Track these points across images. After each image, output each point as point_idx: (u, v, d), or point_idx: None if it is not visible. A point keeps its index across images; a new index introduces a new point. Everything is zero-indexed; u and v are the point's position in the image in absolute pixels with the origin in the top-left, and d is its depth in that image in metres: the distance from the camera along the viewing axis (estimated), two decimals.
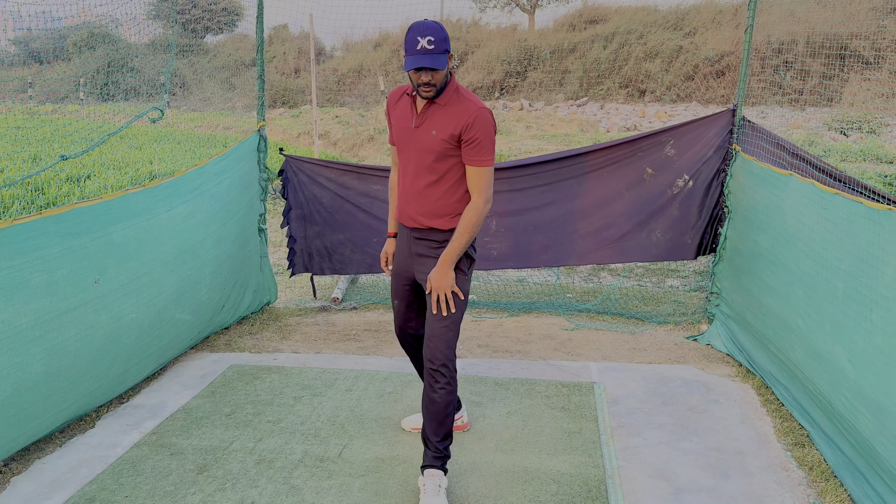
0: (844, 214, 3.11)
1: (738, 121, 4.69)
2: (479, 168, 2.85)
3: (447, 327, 2.89)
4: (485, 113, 2.81)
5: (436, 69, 2.71)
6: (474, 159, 2.84)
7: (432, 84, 2.75)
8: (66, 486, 3.08)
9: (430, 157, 2.88)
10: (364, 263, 5.40)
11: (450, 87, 2.85)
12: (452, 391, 2.90)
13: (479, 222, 2.87)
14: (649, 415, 3.74)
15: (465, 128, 2.80)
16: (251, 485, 3.09)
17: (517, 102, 20.36)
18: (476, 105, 2.82)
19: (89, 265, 3.43)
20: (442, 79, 2.77)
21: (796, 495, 3.02)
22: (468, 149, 2.83)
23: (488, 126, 2.82)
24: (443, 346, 2.88)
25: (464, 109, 2.81)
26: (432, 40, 2.69)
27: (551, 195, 5.08)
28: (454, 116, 2.82)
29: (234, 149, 4.79)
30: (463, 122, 2.80)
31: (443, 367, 2.88)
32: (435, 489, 2.88)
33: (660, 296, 5.79)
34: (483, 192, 2.87)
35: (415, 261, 3.05)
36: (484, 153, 2.83)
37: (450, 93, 2.85)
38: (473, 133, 2.79)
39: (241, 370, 4.30)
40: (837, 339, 3.11)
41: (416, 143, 2.91)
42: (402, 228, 3.12)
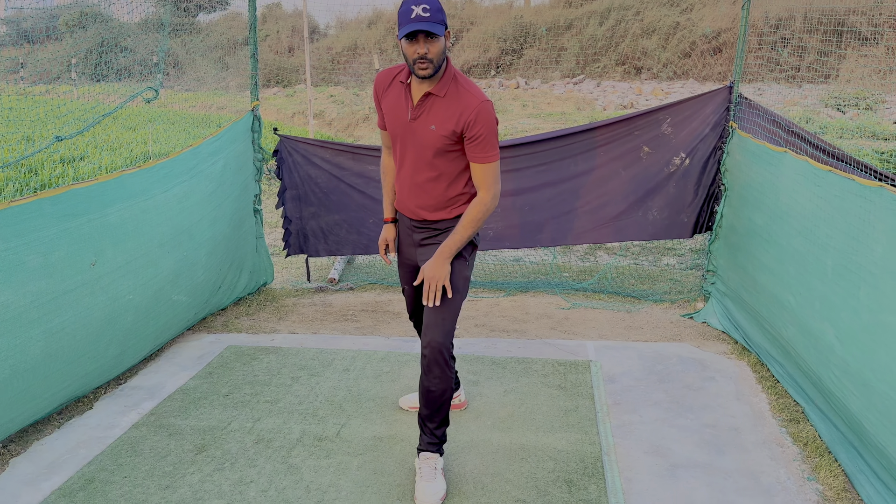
0: (837, 191, 3.11)
1: (735, 98, 4.67)
2: (486, 164, 2.73)
3: (445, 316, 2.82)
4: (487, 107, 2.67)
5: (433, 35, 2.55)
6: (479, 156, 2.71)
7: (429, 59, 2.58)
8: (65, 467, 3.10)
9: (429, 153, 2.75)
10: (360, 244, 5.40)
11: (447, 75, 2.71)
12: (448, 379, 2.85)
13: (484, 218, 2.78)
14: (645, 392, 3.76)
15: (467, 124, 2.66)
16: (250, 464, 3.11)
17: (513, 80, 20.25)
18: (478, 99, 2.67)
19: (86, 247, 3.42)
20: (439, 54, 2.59)
21: (791, 471, 3.05)
22: (472, 146, 2.70)
23: (491, 120, 2.68)
24: (440, 336, 2.81)
25: (465, 104, 2.66)
26: (427, 8, 2.54)
27: (548, 175, 5.06)
28: (455, 111, 2.67)
29: (228, 129, 4.76)
30: (465, 119, 2.65)
31: (439, 357, 2.81)
32: (431, 472, 2.87)
33: (656, 274, 5.81)
34: (490, 188, 2.75)
35: (418, 249, 3.00)
36: (489, 149, 2.70)
37: (448, 82, 2.70)
38: (477, 130, 2.66)
39: (238, 351, 4.31)
40: (826, 317, 3.13)
41: (414, 137, 2.77)
42: (402, 218, 3.04)
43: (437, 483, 2.85)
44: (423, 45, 2.57)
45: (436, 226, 2.91)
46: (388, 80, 2.87)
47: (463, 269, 2.88)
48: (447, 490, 2.89)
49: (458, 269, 2.86)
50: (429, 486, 2.83)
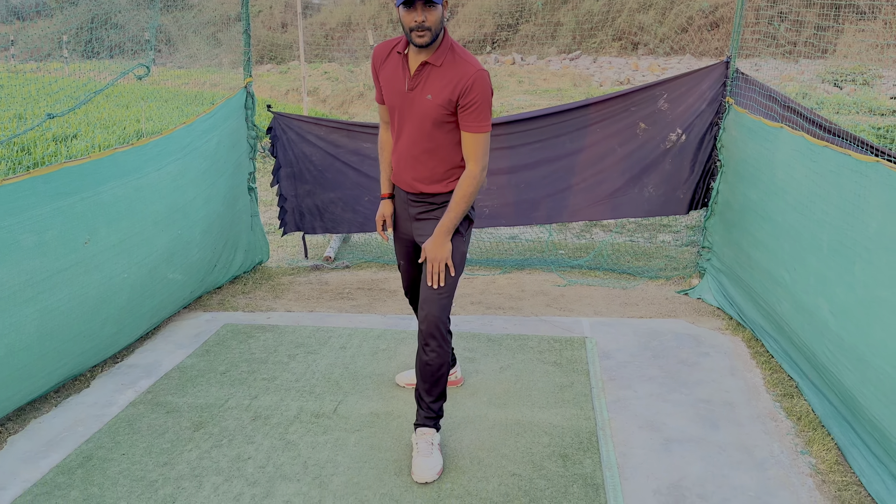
0: (832, 167, 3.10)
1: (732, 73, 4.64)
2: (477, 134, 2.71)
3: (441, 291, 2.83)
4: (483, 76, 2.66)
5: (431, 3, 2.53)
6: (472, 125, 2.70)
7: (426, 27, 2.56)
8: (63, 445, 3.11)
9: (426, 123, 2.74)
10: (356, 222, 5.38)
11: (444, 45, 2.69)
12: (445, 354, 2.86)
13: (475, 191, 2.76)
14: (640, 368, 3.78)
15: (462, 91, 2.64)
16: (247, 441, 3.12)
17: (509, 56, 20.10)
18: (474, 67, 2.65)
19: (80, 225, 3.41)
20: (437, 22, 2.57)
21: (784, 445, 3.07)
22: (465, 114, 2.68)
23: (486, 90, 2.67)
24: (436, 310, 2.81)
25: (462, 72, 2.64)
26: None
27: (544, 152, 5.04)
28: (451, 79, 2.65)
29: (222, 106, 4.72)
30: (461, 86, 2.63)
31: (435, 331, 2.82)
32: (428, 448, 2.90)
33: (651, 251, 5.81)
34: (480, 160, 2.74)
35: (414, 224, 2.99)
36: (482, 118, 2.69)
37: (445, 51, 2.68)
38: (472, 97, 2.64)
39: (234, 329, 4.32)
40: (821, 292, 3.14)
41: (411, 108, 2.75)
42: (399, 191, 3.03)
43: (434, 458, 2.87)
44: (420, 13, 2.55)
45: (432, 199, 2.90)
46: (386, 52, 2.85)
47: (459, 244, 2.88)
48: (444, 465, 2.92)
49: (455, 244, 2.86)
50: (426, 461, 2.85)
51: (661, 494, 2.75)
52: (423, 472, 2.83)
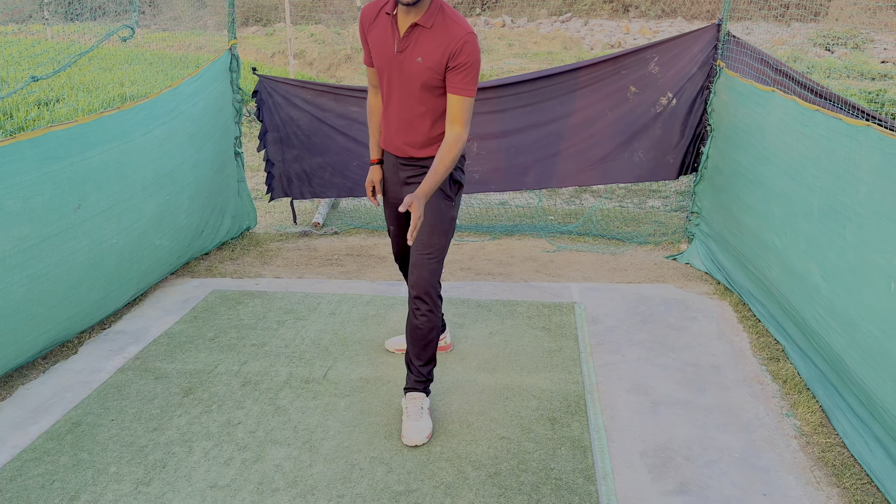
0: (823, 131, 3.09)
1: (723, 36, 4.60)
2: (464, 98, 2.67)
3: (431, 255, 2.82)
4: (473, 38, 2.61)
5: None
6: (458, 87, 2.65)
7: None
8: (52, 411, 3.11)
9: (416, 86, 2.70)
10: (344, 187, 5.34)
11: (434, 5, 2.63)
12: (435, 318, 2.87)
13: (458, 155, 2.71)
14: (628, 332, 3.80)
15: (452, 54, 2.59)
16: (237, 406, 3.13)
17: (499, 19, 19.85)
18: (464, 30, 2.61)
19: (69, 190, 3.37)
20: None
21: (770, 407, 3.11)
22: (453, 75, 2.64)
23: (476, 53, 2.63)
24: (426, 273, 2.81)
25: (451, 35, 2.59)
26: None
27: (534, 116, 5.00)
28: (441, 42, 2.61)
29: (207, 68, 4.64)
30: (451, 48, 2.59)
31: (425, 295, 2.82)
32: (417, 411, 2.91)
33: (641, 216, 5.81)
34: (465, 124, 2.70)
35: (403, 188, 2.96)
36: (469, 82, 2.65)
37: (435, 12, 2.63)
38: (461, 60, 2.60)
39: (223, 295, 4.30)
40: (811, 256, 3.15)
41: (401, 71, 2.70)
42: (388, 156, 2.99)
43: (424, 421, 2.89)
44: None
45: (422, 163, 2.87)
46: (374, 13, 2.79)
47: (449, 209, 2.86)
48: (433, 428, 2.94)
49: (444, 209, 2.84)
50: (415, 424, 2.87)
51: (648, 456, 2.78)
52: (413, 435, 2.85)
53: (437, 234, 2.83)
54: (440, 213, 2.83)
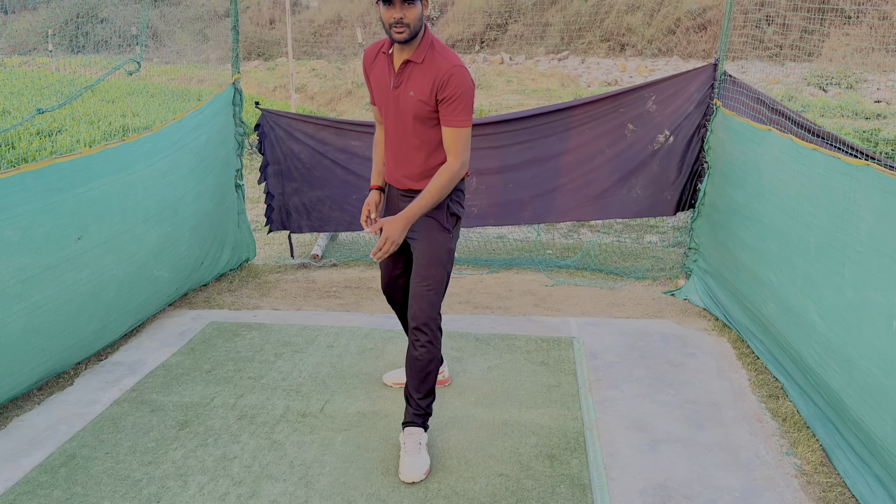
0: (821, 170, 3.12)
1: (720, 75, 4.67)
2: (455, 129, 2.73)
3: (429, 287, 2.85)
4: (461, 70, 2.70)
5: (410, 1, 2.60)
6: (449, 119, 2.73)
7: (405, 23, 2.63)
8: (46, 444, 3.08)
9: (409, 119, 2.79)
10: (343, 221, 5.36)
11: (425, 41, 2.74)
12: (435, 350, 2.87)
13: (450, 185, 2.76)
14: (627, 368, 3.79)
15: (440, 86, 2.69)
16: (233, 440, 3.10)
17: (498, 56, 20.12)
18: (451, 62, 2.70)
19: (70, 221, 3.38)
20: (416, 19, 2.64)
21: (769, 446, 3.09)
22: (443, 108, 2.72)
23: (465, 84, 2.70)
24: (426, 305, 2.84)
25: (438, 67, 2.70)
26: None
27: (532, 152, 5.05)
28: (430, 75, 2.71)
29: (210, 102, 4.69)
30: (438, 81, 2.69)
31: (424, 326, 2.84)
32: (415, 447, 2.89)
33: (638, 251, 5.83)
34: (459, 155, 2.75)
35: None
36: (460, 113, 2.71)
37: (425, 49, 2.73)
38: (449, 91, 2.69)
39: (220, 327, 4.29)
40: (808, 294, 3.16)
41: (396, 105, 2.81)
42: (391, 189, 3.06)
43: (421, 457, 2.87)
44: (399, 10, 2.62)
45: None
46: (374, 54, 2.93)
47: (446, 241, 2.89)
48: (431, 465, 2.91)
49: (442, 241, 2.88)
50: (413, 460, 2.85)
51: (648, 495, 2.76)
52: (410, 471, 2.82)
53: (434, 266, 2.86)
54: (437, 246, 2.87)
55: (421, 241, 2.89)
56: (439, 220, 2.88)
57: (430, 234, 2.87)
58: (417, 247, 2.91)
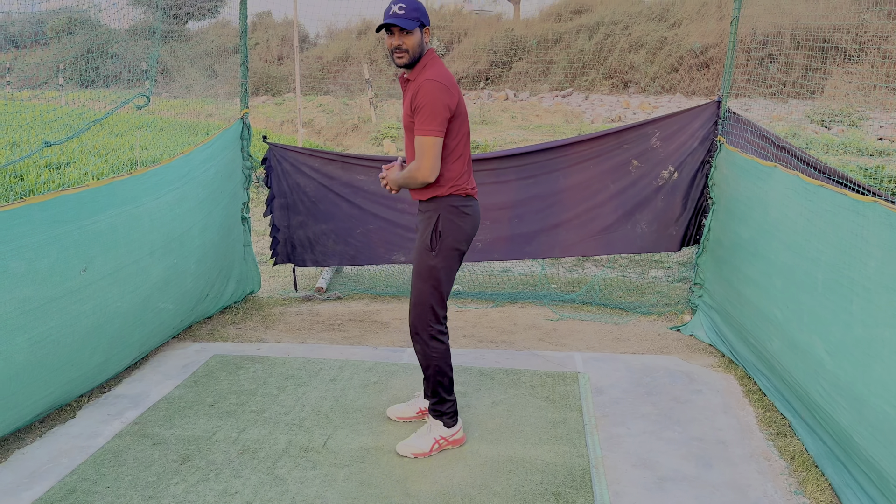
0: (828, 206, 3.12)
1: (724, 112, 4.70)
2: (420, 137, 2.93)
3: (416, 299, 3.13)
4: (430, 84, 2.92)
5: (404, 29, 2.89)
6: (417, 126, 2.95)
7: (403, 49, 2.92)
8: (47, 477, 3.05)
9: (409, 133, 3.09)
10: (347, 255, 5.37)
11: (421, 63, 3.00)
12: (429, 357, 3.15)
13: (410, 181, 3.03)
14: (633, 404, 3.76)
15: (412, 97, 2.95)
16: (235, 475, 3.07)
17: (502, 92, 20.33)
18: (425, 77, 2.94)
19: (75, 253, 3.39)
20: (415, 46, 2.92)
21: (778, 485, 3.05)
22: (415, 118, 2.96)
23: (432, 94, 2.91)
24: (413, 316, 3.15)
25: (416, 82, 2.97)
26: (403, 6, 2.90)
27: (537, 187, 5.07)
28: (413, 89, 2.98)
29: (219, 136, 4.74)
30: (413, 93, 2.96)
31: (415, 335, 3.16)
32: (426, 430, 3.24)
33: (643, 286, 5.82)
34: (424, 160, 2.97)
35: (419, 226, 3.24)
36: (423, 121, 2.92)
37: (420, 69, 2.99)
38: (417, 101, 2.93)
39: (224, 360, 4.27)
40: (815, 330, 3.14)
41: (404, 120, 3.12)
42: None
43: (421, 440, 3.17)
44: (397, 38, 2.93)
45: (423, 206, 3.16)
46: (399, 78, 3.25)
47: (428, 258, 3.11)
48: (428, 452, 3.20)
49: (424, 258, 3.12)
50: (413, 439, 3.19)
51: None
52: (402, 446, 3.21)
53: (417, 279, 3.13)
54: (420, 262, 3.14)
55: (414, 251, 3.19)
56: (424, 236, 3.12)
57: (417, 250, 3.14)
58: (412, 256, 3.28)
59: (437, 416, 3.25)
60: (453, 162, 3.05)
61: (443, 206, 3.07)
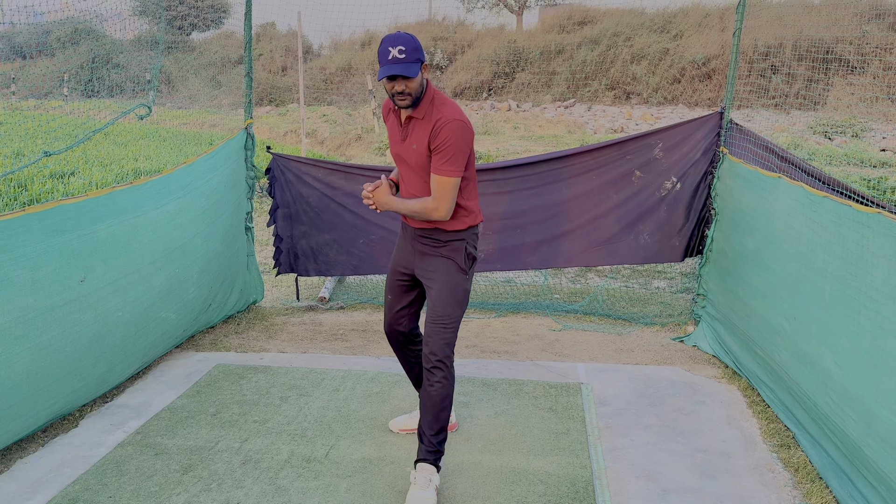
0: (833, 217, 3.12)
1: (726, 123, 4.71)
2: (439, 177, 2.84)
3: (446, 325, 2.96)
4: (454, 124, 2.81)
5: (408, 77, 2.75)
6: (436, 167, 2.85)
7: (406, 93, 2.79)
8: (49, 487, 3.04)
9: (417, 169, 2.95)
10: (350, 265, 5.38)
11: (426, 98, 2.88)
12: (449, 386, 2.96)
13: (419, 213, 2.92)
14: (636, 416, 3.74)
15: (431, 137, 2.84)
16: (237, 485, 3.06)
17: (505, 103, 20.38)
18: (446, 116, 2.82)
19: (75, 263, 3.39)
20: (417, 88, 2.80)
21: (782, 497, 3.03)
22: (434, 157, 2.85)
23: (455, 136, 2.81)
24: (441, 342, 2.94)
25: (433, 120, 2.85)
26: (403, 49, 2.74)
27: (539, 198, 5.07)
28: (427, 127, 2.86)
29: (223, 146, 4.75)
30: (430, 132, 2.84)
31: (439, 363, 2.94)
32: (425, 482, 2.90)
33: (646, 297, 5.81)
34: (440, 200, 2.87)
35: (417, 258, 3.11)
36: (445, 162, 2.83)
37: (426, 105, 2.88)
38: (438, 142, 2.82)
39: (226, 370, 4.27)
40: (823, 342, 3.13)
41: (406, 156, 2.97)
42: (406, 228, 3.17)
43: (429, 492, 2.88)
44: (400, 84, 2.79)
45: (438, 236, 3.02)
46: (389, 107, 3.11)
47: (463, 281, 3.01)
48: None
49: (459, 281, 3.00)
50: (420, 492, 2.87)
51: None
52: (415, 502, 2.83)
53: (451, 306, 2.98)
54: (455, 286, 3.00)
55: (438, 280, 3.01)
56: (457, 261, 3.00)
57: (447, 274, 3.00)
58: (434, 286, 3.02)
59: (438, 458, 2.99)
60: (472, 191, 3.03)
61: (468, 235, 3.03)
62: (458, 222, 2.98)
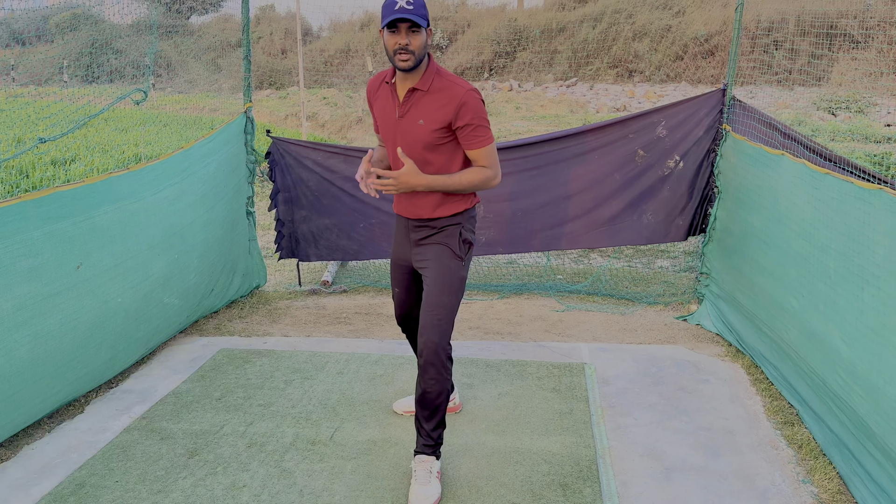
0: (835, 194, 3.10)
1: (728, 100, 4.67)
2: (484, 147, 2.76)
3: (440, 317, 2.81)
4: (474, 95, 2.71)
5: (416, 27, 2.60)
6: (475, 142, 2.75)
7: (410, 50, 2.61)
8: (56, 472, 3.06)
9: (420, 148, 2.77)
10: (350, 250, 5.37)
11: (430, 70, 2.73)
12: (445, 382, 2.83)
13: (479, 185, 2.80)
14: (640, 395, 3.75)
15: (457, 114, 2.69)
16: (242, 468, 3.08)
17: (506, 83, 20.26)
18: (464, 88, 2.70)
19: (72, 249, 3.39)
20: (420, 47, 2.63)
21: (786, 473, 3.04)
22: (466, 134, 2.73)
23: (480, 106, 2.72)
24: (435, 337, 2.79)
25: (452, 95, 2.69)
26: (411, 2, 2.59)
27: (541, 179, 5.05)
28: (443, 102, 2.70)
29: (221, 130, 4.73)
30: (454, 108, 2.69)
31: (435, 358, 2.79)
32: (426, 475, 2.86)
33: (649, 277, 5.80)
34: (493, 166, 2.81)
35: (413, 248, 2.98)
36: (483, 131, 2.74)
37: (431, 76, 2.73)
38: (469, 118, 2.69)
39: (230, 354, 4.28)
40: (831, 319, 3.12)
41: (404, 135, 2.78)
42: (399, 219, 3.04)
43: (432, 486, 2.83)
44: (404, 36, 2.61)
45: (434, 223, 2.89)
46: (378, 84, 2.92)
47: (458, 269, 2.88)
48: (441, 493, 2.87)
49: (455, 269, 2.87)
50: (422, 489, 2.82)
51: None
52: (419, 500, 2.79)
53: (446, 294, 2.84)
54: (450, 273, 2.86)
55: (432, 269, 2.88)
56: (451, 247, 2.87)
57: (441, 261, 2.87)
58: (429, 274, 2.88)
59: (437, 448, 2.93)
60: None
61: (465, 218, 2.91)
62: (454, 205, 2.86)
